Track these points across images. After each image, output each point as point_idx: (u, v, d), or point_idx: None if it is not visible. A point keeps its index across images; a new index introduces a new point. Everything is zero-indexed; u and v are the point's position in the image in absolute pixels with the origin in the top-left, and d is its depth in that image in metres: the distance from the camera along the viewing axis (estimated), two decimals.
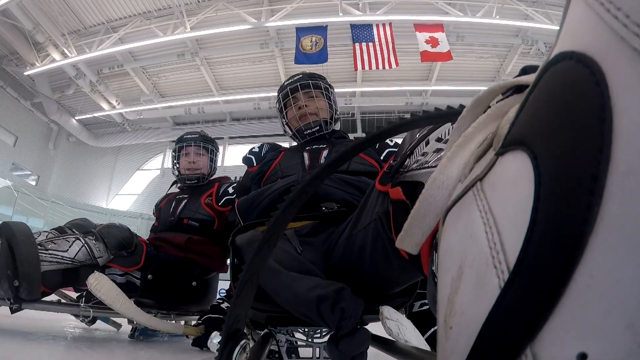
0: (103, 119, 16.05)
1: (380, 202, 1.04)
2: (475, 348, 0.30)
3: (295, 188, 0.73)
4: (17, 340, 1.92)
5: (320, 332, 1.66)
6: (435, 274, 0.53)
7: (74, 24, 12.89)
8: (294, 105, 2.16)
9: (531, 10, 11.25)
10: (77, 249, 2.28)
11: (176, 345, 2.70)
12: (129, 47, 12.43)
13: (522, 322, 0.27)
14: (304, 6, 11.54)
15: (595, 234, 0.24)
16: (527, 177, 0.30)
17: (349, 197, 1.59)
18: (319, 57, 10.51)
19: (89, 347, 2.10)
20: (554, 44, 0.33)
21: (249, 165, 2.12)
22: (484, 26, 11.53)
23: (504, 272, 0.30)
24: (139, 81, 14.94)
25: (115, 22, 12.88)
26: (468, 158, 0.44)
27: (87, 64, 13.42)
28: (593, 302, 0.24)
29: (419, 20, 10.82)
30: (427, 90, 14.44)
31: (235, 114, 16.53)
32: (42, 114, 15.75)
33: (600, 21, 0.26)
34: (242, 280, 0.75)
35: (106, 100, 15.28)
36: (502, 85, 0.47)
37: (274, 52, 13.43)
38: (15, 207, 12.86)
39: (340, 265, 1.31)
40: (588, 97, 0.26)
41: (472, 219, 0.37)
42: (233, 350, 0.84)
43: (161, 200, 3.26)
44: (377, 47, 10.53)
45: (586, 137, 0.25)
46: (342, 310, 0.99)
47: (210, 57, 13.94)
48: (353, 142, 0.73)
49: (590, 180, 0.24)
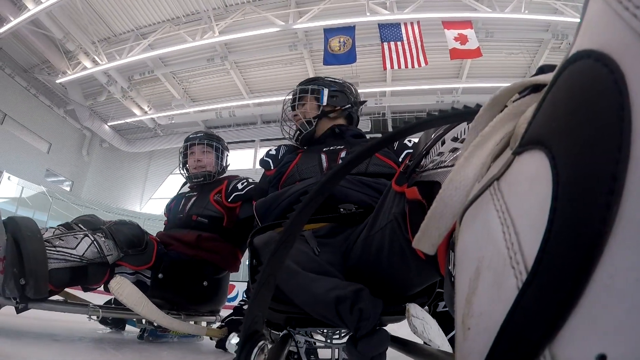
0: (135, 124, 16.28)
1: (396, 202, 1.03)
2: (494, 349, 0.30)
3: (311, 189, 0.74)
4: (22, 340, 1.89)
5: (339, 333, 1.65)
6: (452, 274, 0.54)
7: (103, 32, 13.08)
8: (292, 110, 2.26)
9: (560, 4, 11.06)
10: (86, 246, 2.21)
11: (192, 346, 2.70)
12: (158, 53, 12.54)
13: (541, 322, 0.27)
14: (331, 7, 11.52)
15: (614, 233, 0.24)
16: (544, 176, 0.30)
17: (368, 198, 1.59)
18: (347, 58, 10.48)
19: (114, 349, 2.09)
20: (572, 42, 0.32)
21: (266, 168, 2.13)
22: (513, 21, 11.31)
23: (521, 272, 0.30)
24: (170, 86, 15.09)
25: (145, 28, 13.05)
26: (485, 158, 0.44)
27: (118, 70, 13.58)
28: (612, 303, 0.24)
29: (447, 18, 10.73)
30: (458, 87, 14.29)
31: (265, 116, 16.57)
32: (75, 120, 16.03)
33: (619, 19, 0.26)
34: (259, 281, 0.75)
35: (138, 105, 15.46)
36: (519, 85, 0.47)
37: (302, 53, 13.43)
38: (50, 213, 13.06)
39: (358, 267, 1.30)
40: (606, 95, 0.26)
41: (489, 219, 0.37)
42: (251, 352, 0.83)
43: (172, 201, 3.25)
44: (406, 45, 10.46)
45: (605, 136, 0.25)
46: (361, 311, 0.98)
47: (239, 60, 13.99)
48: (369, 143, 0.72)
49: (609, 180, 0.24)
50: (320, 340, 1.65)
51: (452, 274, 0.53)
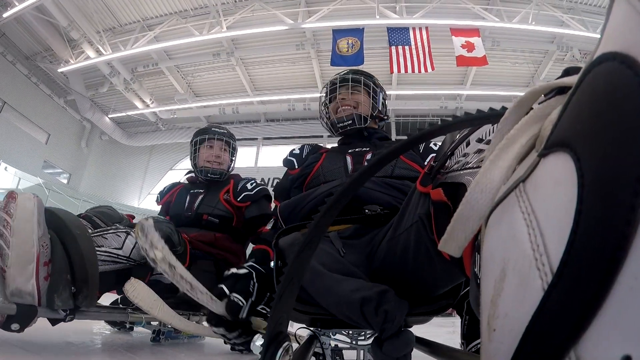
0: (136, 117, 16.26)
1: (421, 203, 1.03)
2: (519, 350, 0.31)
3: (336, 191, 0.73)
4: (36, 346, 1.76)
5: (364, 334, 1.64)
6: (477, 276, 0.54)
7: (109, 22, 13.06)
8: (337, 96, 2.15)
9: (567, 17, 11.29)
10: (131, 245, 2.05)
11: (207, 348, 2.71)
12: (164, 45, 12.57)
13: (566, 324, 0.27)
14: (341, 8, 11.60)
15: (639, 235, 0.24)
16: (570, 178, 0.30)
17: (393, 200, 1.59)
18: (355, 60, 10.51)
19: (128, 351, 2.02)
20: (596, 45, 0.32)
21: (290, 168, 2.09)
22: (520, 32, 11.55)
23: (547, 274, 0.30)
24: (174, 80, 15.09)
25: (151, 20, 13.03)
26: (511, 161, 0.44)
27: (122, 62, 13.60)
28: (637, 304, 0.24)
29: (455, 25, 10.89)
30: (462, 94, 14.50)
31: (269, 114, 16.64)
32: (75, 111, 15.98)
33: None
34: (283, 283, 0.75)
35: (140, 98, 15.46)
36: (545, 87, 0.48)
37: (309, 53, 13.47)
38: (47, 205, 12.97)
39: (383, 268, 1.31)
40: (632, 97, 0.26)
41: (514, 221, 0.37)
42: (276, 353, 0.84)
43: (167, 192, 3.21)
44: (414, 50, 10.60)
45: (630, 138, 0.25)
46: (386, 312, 1.00)
47: (245, 57, 14.02)
48: (393, 145, 0.71)
49: (634, 182, 0.24)
50: (346, 342, 1.65)
51: (477, 276, 0.54)
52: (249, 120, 16.87)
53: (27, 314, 1.51)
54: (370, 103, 2.14)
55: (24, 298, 1.51)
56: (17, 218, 1.50)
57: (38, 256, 1.52)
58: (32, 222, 1.53)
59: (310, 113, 15.34)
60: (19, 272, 1.48)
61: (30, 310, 1.51)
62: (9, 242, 1.47)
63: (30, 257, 1.50)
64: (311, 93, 14.33)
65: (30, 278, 1.50)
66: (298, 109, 14.93)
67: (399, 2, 11.59)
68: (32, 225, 1.53)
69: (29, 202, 1.56)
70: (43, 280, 1.55)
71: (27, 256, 1.49)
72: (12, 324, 1.49)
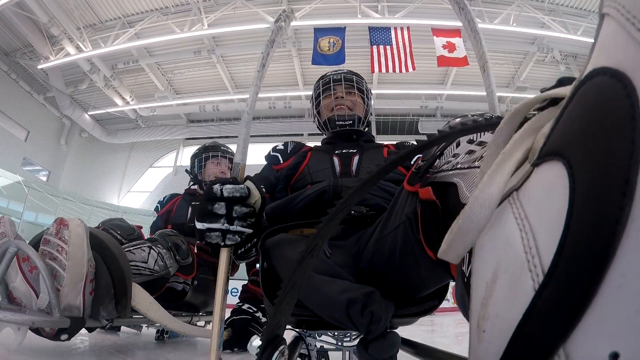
0: (116, 114, 16.16)
1: (409, 203, 1.03)
2: (509, 349, 0.32)
3: (339, 201, 0.73)
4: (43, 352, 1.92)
5: (350, 335, 1.63)
6: (464, 274, 0.56)
7: (89, 18, 12.94)
8: (332, 94, 2.10)
9: (548, 18, 11.46)
10: (154, 259, 2.26)
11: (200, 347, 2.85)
12: (145, 42, 12.52)
13: (556, 322, 0.28)
14: (322, 7, 11.62)
15: (627, 233, 0.25)
16: (562, 184, 0.31)
17: (382, 201, 1.60)
18: (336, 59, 10.53)
19: (119, 351, 2.14)
20: (587, 59, 0.35)
21: (274, 163, 2.07)
22: (501, 33, 11.67)
23: (538, 275, 0.31)
24: (154, 77, 15.03)
25: (132, 17, 12.95)
26: (508, 176, 0.45)
27: (102, 58, 13.50)
28: (625, 301, 0.25)
29: (436, 25, 10.95)
30: (443, 94, 14.62)
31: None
32: (55, 108, 15.78)
33: (632, 40, 0.28)
34: (285, 288, 0.76)
35: (120, 95, 15.38)
36: (539, 98, 0.50)
37: (291, 51, 13.51)
38: (26, 204, 12.83)
39: (369, 268, 1.30)
40: (620, 108, 0.28)
41: (507, 225, 0.38)
42: (272, 355, 0.85)
43: (167, 201, 3.33)
44: (395, 50, 10.66)
45: (618, 144, 0.27)
46: (372, 314, 0.98)
47: (226, 55, 13.99)
48: (396, 155, 0.72)
49: (622, 183, 0.26)
50: (331, 343, 1.65)
51: (464, 274, 0.56)
52: (230, 118, 16.80)
53: (76, 325, 1.76)
54: (361, 103, 2.12)
55: (72, 312, 1.76)
56: (71, 244, 1.74)
57: (87, 275, 1.76)
58: (84, 247, 1.79)
59: (291, 111, 15.43)
60: (71, 290, 1.72)
61: (79, 322, 1.77)
62: (64, 265, 1.71)
63: (81, 277, 1.75)
64: (292, 91, 14.41)
65: (78, 294, 1.77)
66: (279, 107, 14.94)
67: (380, 2, 11.64)
68: (83, 250, 1.78)
69: (80, 229, 1.82)
70: (89, 295, 1.81)
71: (79, 276, 1.74)
72: (61, 335, 1.76)
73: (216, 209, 1.22)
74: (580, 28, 11.29)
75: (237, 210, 1.23)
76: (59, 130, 16.97)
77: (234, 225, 1.23)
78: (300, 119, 16.36)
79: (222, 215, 1.22)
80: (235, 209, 1.23)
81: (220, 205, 1.22)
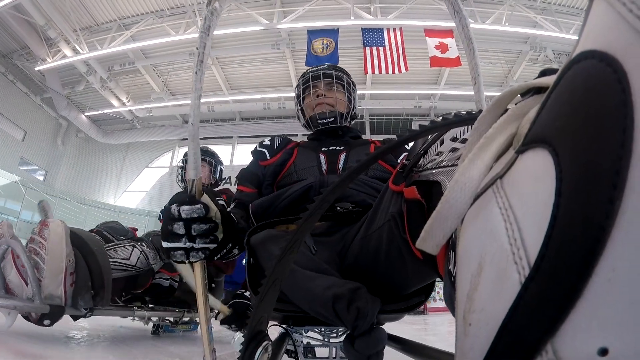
0: (112, 115, 16.16)
1: (394, 202, 1.02)
2: (495, 343, 0.30)
3: (318, 198, 0.74)
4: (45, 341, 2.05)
5: (336, 331, 1.66)
6: (451, 273, 0.54)
7: (86, 21, 12.95)
8: (312, 93, 2.06)
9: (540, 17, 11.35)
10: (137, 256, 2.44)
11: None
12: (140, 45, 12.52)
13: (543, 316, 0.27)
14: (316, 9, 11.59)
15: (616, 227, 0.24)
16: (548, 173, 0.30)
17: (368, 198, 1.58)
18: (329, 60, 10.40)
19: (129, 345, 2.23)
20: (576, 43, 0.33)
21: (261, 159, 2.00)
22: (494, 33, 11.58)
23: (524, 267, 0.30)
24: (150, 79, 15.04)
25: (128, 19, 12.94)
26: (489, 160, 0.44)
27: (98, 60, 13.50)
28: (615, 296, 0.24)
29: (429, 26, 10.88)
30: (436, 94, 14.56)
31: (244, 113, 16.65)
32: (52, 109, 15.76)
33: (622, 20, 0.26)
34: (266, 284, 0.78)
35: (116, 97, 15.35)
36: (522, 87, 0.48)
37: (285, 53, 13.48)
38: (23, 203, 12.86)
39: (355, 265, 1.30)
40: (610, 94, 0.26)
41: (491, 215, 0.37)
42: (255, 351, 0.86)
43: None
44: (388, 51, 10.57)
45: (608, 132, 0.26)
46: (358, 310, 0.97)
47: (221, 56, 14.00)
48: (375, 152, 0.72)
49: (612, 174, 0.25)
50: (318, 339, 1.67)
51: (452, 274, 0.54)
52: (225, 119, 16.84)
53: (56, 312, 1.98)
54: (343, 98, 2.06)
55: (54, 300, 1.97)
56: (50, 241, 1.94)
57: (66, 269, 1.94)
58: (62, 244, 1.96)
59: (285, 112, 15.31)
60: (51, 281, 1.92)
61: (59, 309, 1.98)
62: (44, 259, 1.90)
63: (60, 270, 1.93)
64: (286, 92, 14.30)
65: (59, 285, 1.98)
66: (273, 108, 14.89)
67: (373, 3, 11.61)
68: (62, 246, 1.96)
69: (59, 228, 2.05)
70: (69, 287, 2.01)
71: (57, 269, 1.92)
72: (44, 320, 1.97)
73: (175, 229, 1.21)
74: (572, 27, 11.17)
75: (196, 228, 1.22)
76: (55, 131, 16.93)
77: (197, 243, 1.23)
78: (294, 119, 15.77)
79: (182, 234, 1.22)
80: (194, 228, 1.22)
81: (179, 225, 1.21)
